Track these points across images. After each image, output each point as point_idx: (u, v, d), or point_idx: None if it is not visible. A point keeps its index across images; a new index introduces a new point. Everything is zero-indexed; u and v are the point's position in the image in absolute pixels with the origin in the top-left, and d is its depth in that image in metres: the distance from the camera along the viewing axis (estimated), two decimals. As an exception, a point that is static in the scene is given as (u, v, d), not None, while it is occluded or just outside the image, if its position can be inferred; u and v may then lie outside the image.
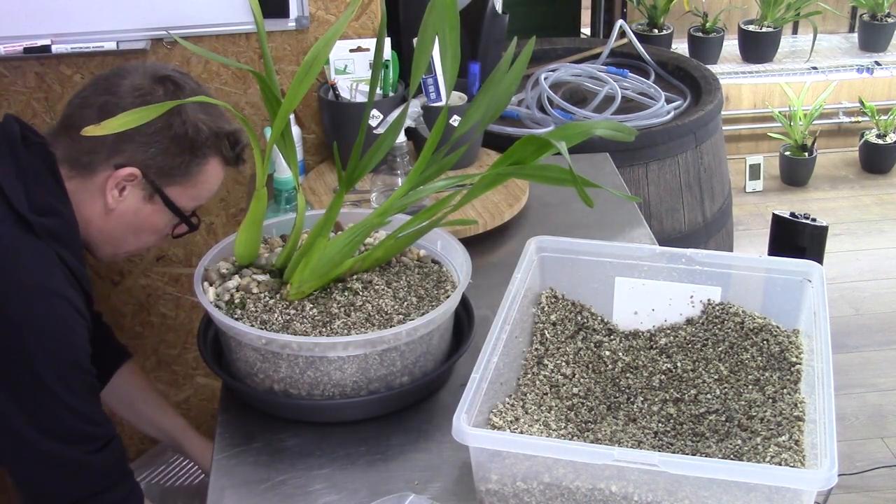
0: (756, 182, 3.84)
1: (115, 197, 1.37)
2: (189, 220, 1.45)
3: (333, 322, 1.25)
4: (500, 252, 1.71)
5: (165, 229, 1.45)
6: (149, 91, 1.36)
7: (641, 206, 2.15)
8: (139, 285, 2.09)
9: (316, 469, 1.22)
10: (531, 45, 1.37)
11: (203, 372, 2.23)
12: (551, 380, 1.26)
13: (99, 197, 1.37)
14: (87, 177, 1.36)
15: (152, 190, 1.38)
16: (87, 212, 1.37)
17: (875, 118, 3.91)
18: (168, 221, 1.44)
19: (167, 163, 1.37)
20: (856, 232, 3.55)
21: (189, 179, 1.40)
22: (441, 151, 1.29)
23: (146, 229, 1.43)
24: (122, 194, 1.37)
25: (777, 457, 1.09)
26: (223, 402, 1.34)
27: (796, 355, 1.25)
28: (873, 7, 3.92)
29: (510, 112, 2.39)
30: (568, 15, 3.72)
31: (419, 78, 1.29)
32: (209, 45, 1.91)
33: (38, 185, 1.32)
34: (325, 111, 1.92)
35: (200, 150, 1.38)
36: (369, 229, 1.31)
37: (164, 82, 1.37)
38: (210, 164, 1.41)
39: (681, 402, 1.23)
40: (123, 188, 1.37)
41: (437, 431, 1.27)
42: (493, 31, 2.05)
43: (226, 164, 1.44)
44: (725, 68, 3.85)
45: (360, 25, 1.97)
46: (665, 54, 2.73)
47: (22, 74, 1.88)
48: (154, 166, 1.36)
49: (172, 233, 1.47)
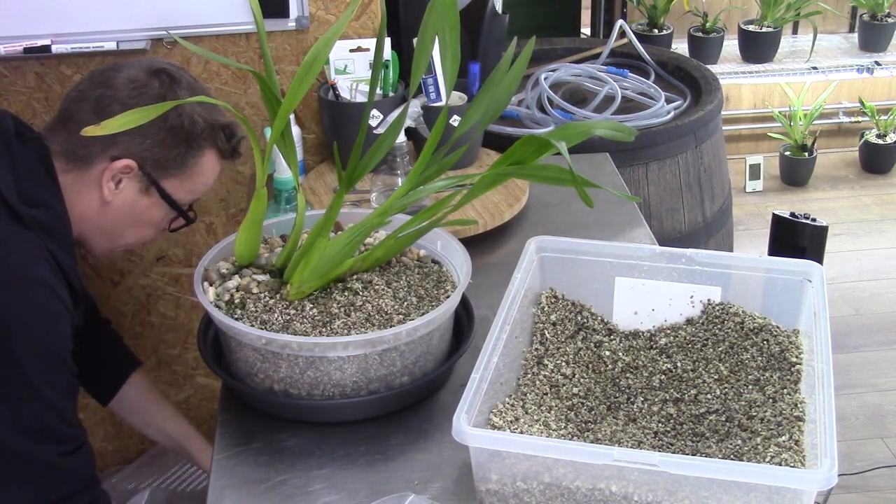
0: (756, 182, 3.84)
1: (111, 189, 1.37)
2: (186, 214, 1.45)
3: (333, 322, 1.25)
4: (500, 252, 1.71)
5: (162, 223, 1.45)
6: (144, 84, 1.36)
7: (641, 206, 2.15)
8: (139, 285, 2.09)
9: (316, 469, 1.22)
10: (531, 45, 1.37)
11: (203, 372, 2.23)
12: (551, 380, 1.26)
13: (95, 189, 1.37)
14: (83, 169, 1.36)
15: (148, 182, 1.38)
16: (82, 205, 1.37)
17: (875, 118, 3.91)
18: (164, 215, 1.44)
19: (163, 155, 1.37)
20: (856, 232, 3.55)
21: (185, 172, 1.40)
22: (441, 151, 1.29)
23: (143, 223, 1.43)
24: (119, 187, 1.37)
25: (777, 457, 1.09)
26: (223, 402, 1.34)
27: (796, 355, 1.25)
28: (873, 7, 3.92)
29: (510, 112, 2.39)
30: (568, 15, 3.73)
31: (419, 78, 1.29)
32: (209, 45, 1.91)
33: (30, 178, 1.31)
34: (325, 111, 1.92)
35: (196, 142, 1.39)
36: (369, 229, 1.31)
37: (160, 75, 1.37)
38: (206, 156, 1.41)
39: (681, 402, 1.23)
40: (120, 181, 1.37)
41: (437, 431, 1.27)
42: (493, 31, 2.05)
43: (221, 158, 1.44)
44: (725, 68, 3.86)
45: (360, 25, 1.97)
46: (665, 54, 2.73)
47: (22, 74, 1.88)
48: (150, 158, 1.36)
49: (169, 227, 1.47)
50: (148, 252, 2.06)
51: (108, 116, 1.34)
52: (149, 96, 1.36)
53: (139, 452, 2.23)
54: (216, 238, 2.07)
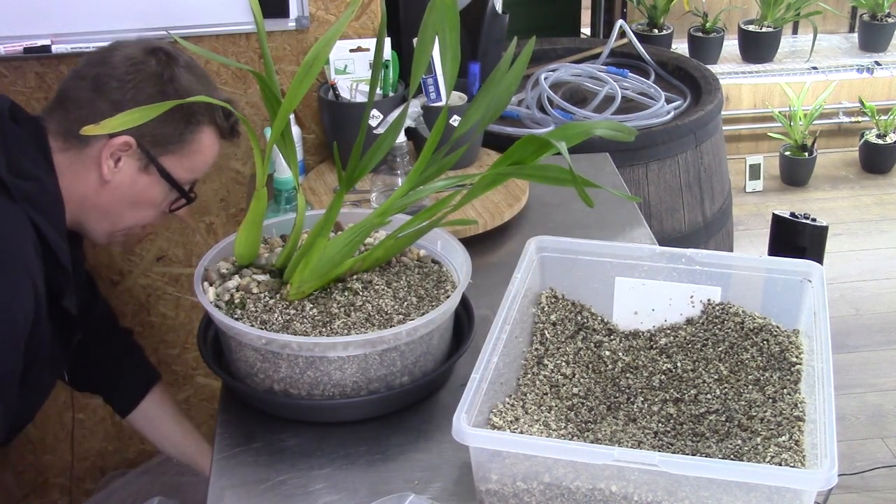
0: (756, 182, 3.85)
1: (110, 167, 1.36)
2: (186, 193, 1.44)
3: (333, 322, 1.25)
4: (500, 252, 1.71)
5: (162, 204, 1.44)
6: (142, 61, 1.36)
7: (641, 206, 2.15)
8: (139, 285, 2.09)
9: (316, 469, 1.22)
10: (531, 45, 1.37)
11: (203, 372, 2.23)
12: (551, 380, 1.26)
13: (94, 168, 1.36)
14: (81, 148, 1.36)
15: (147, 160, 1.37)
16: (81, 185, 1.37)
17: (875, 118, 3.91)
18: (165, 194, 1.43)
19: (162, 131, 1.36)
20: (856, 232, 3.55)
21: (184, 149, 1.40)
22: (441, 151, 1.29)
23: (143, 202, 1.42)
24: (118, 165, 1.37)
25: (777, 457, 1.09)
26: (223, 402, 1.34)
27: (796, 355, 1.25)
28: (873, 7, 3.92)
29: (510, 112, 2.39)
30: (568, 15, 3.73)
31: (419, 78, 1.29)
32: (209, 45, 1.91)
33: (22, 153, 1.30)
34: (325, 111, 1.92)
35: (194, 118, 1.39)
36: (369, 229, 1.31)
37: (157, 53, 1.37)
38: (204, 133, 1.41)
39: (681, 402, 1.23)
40: (119, 159, 1.36)
41: (437, 431, 1.27)
42: (493, 31, 2.05)
43: (220, 136, 1.43)
44: (725, 68, 3.86)
45: (360, 25, 1.97)
46: (665, 54, 2.73)
47: (22, 74, 1.88)
48: (148, 135, 1.36)
49: (170, 208, 1.46)
50: (148, 252, 2.06)
51: (106, 94, 1.34)
52: (146, 73, 1.36)
53: (139, 453, 2.23)
54: (216, 238, 2.07)
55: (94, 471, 2.24)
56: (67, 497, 2.23)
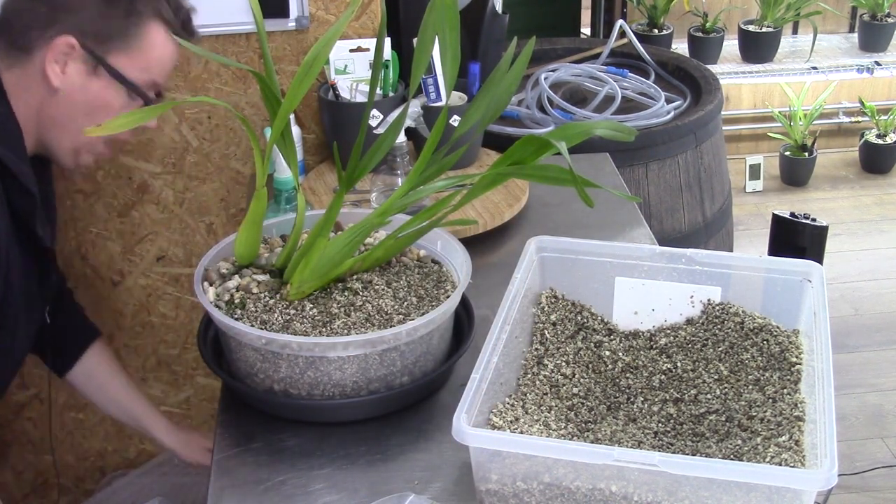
0: (756, 182, 3.85)
1: (56, 73, 1.32)
2: (144, 92, 1.38)
3: (333, 322, 1.25)
4: (500, 252, 1.71)
5: (121, 109, 1.38)
6: None
7: (641, 206, 2.15)
8: (139, 285, 2.09)
9: (316, 469, 1.22)
10: (531, 45, 1.37)
11: (203, 372, 2.23)
12: (551, 380, 1.26)
13: (42, 79, 1.32)
14: (25, 61, 1.32)
15: (94, 61, 1.33)
16: (33, 100, 1.33)
17: (875, 118, 3.91)
18: (121, 98, 1.37)
19: (102, 27, 1.33)
20: (856, 232, 3.55)
21: (130, 44, 1.35)
22: (441, 151, 1.29)
23: (98, 108, 1.36)
24: (65, 70, 1.33)
25: (777, 457, 1.09)
26: (223, 402, 1.34)
27: (796, 355, 1.25)
28: (873, 7, 3.92)
29: (510, 112, 2.39)
30: (568, 15, 3.73)
31: (419, 78, 1.29)
32: (209, 45, 1.91)
33: None
34: (325, 111, 1.92)
35: (135, 9, 1.34)
36: (369, 229, 1.31)
37: None
38: (151, 27, 1.36)
39: (681, 402, 1.23)
40: (65, 63, 1.33)
41: (437, 431, 1.27)
42: (493, 31, 2.05)
43: (171, 31, 1.38)
44: (725, 68, 3.86)
45: (360, 25, 1.97)
46: (665, 54, 2.73)
47: None
48: (90, 33, 1.32)
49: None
50: (148, 252, 2.07)
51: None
52: None
53: (139, 453, 2.23)
54: (216, 238, 2.07)
55: (94, 471, 2.24)
56: (67, 497, 2.23)
